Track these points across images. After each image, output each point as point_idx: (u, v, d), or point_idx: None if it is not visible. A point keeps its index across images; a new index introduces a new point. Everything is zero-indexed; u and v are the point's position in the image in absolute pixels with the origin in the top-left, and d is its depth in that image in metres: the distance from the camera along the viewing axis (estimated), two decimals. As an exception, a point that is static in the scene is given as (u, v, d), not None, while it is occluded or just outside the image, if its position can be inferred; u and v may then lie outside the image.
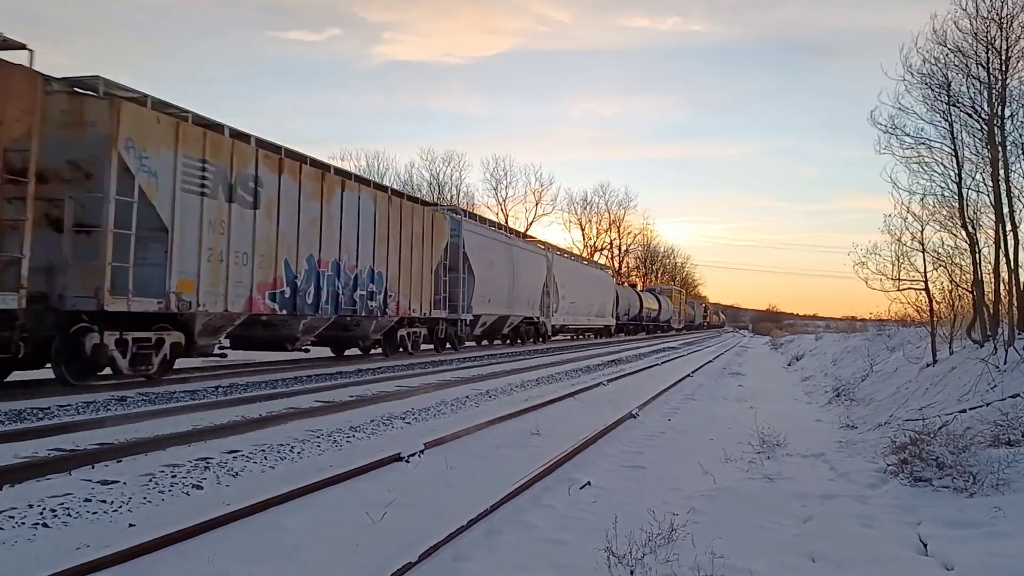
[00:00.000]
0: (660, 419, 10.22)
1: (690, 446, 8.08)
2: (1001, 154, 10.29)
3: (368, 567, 3.89)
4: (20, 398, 9.24)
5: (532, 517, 5.00)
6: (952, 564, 4.10)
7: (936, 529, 4.67)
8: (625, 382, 15.83)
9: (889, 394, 11.10)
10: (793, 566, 4.19)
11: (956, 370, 9.83)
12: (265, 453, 6.78)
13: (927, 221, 11.63)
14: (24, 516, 4.60)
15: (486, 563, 4.08)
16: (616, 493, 5.78)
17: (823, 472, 6.79)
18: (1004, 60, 10.21)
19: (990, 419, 6.93)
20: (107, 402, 9.30)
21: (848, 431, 9.25)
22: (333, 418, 8.94)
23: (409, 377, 14.17)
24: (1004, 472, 5.45)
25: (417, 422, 9.15)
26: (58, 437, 7.00)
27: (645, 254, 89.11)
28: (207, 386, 11.29)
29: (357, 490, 5.57)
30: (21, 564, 3.82)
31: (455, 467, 6.47)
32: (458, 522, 4.57)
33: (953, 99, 10.85)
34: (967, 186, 10.89)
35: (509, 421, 9.22)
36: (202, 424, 7.93)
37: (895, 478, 6.02)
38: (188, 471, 5.95)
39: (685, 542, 4.37)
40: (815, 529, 4.90)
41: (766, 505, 5.51)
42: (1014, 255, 10.09)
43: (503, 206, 65.02)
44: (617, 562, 3.95)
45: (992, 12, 10.23)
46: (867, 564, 4.19)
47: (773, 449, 7.71)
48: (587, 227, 77.23)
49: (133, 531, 4.41)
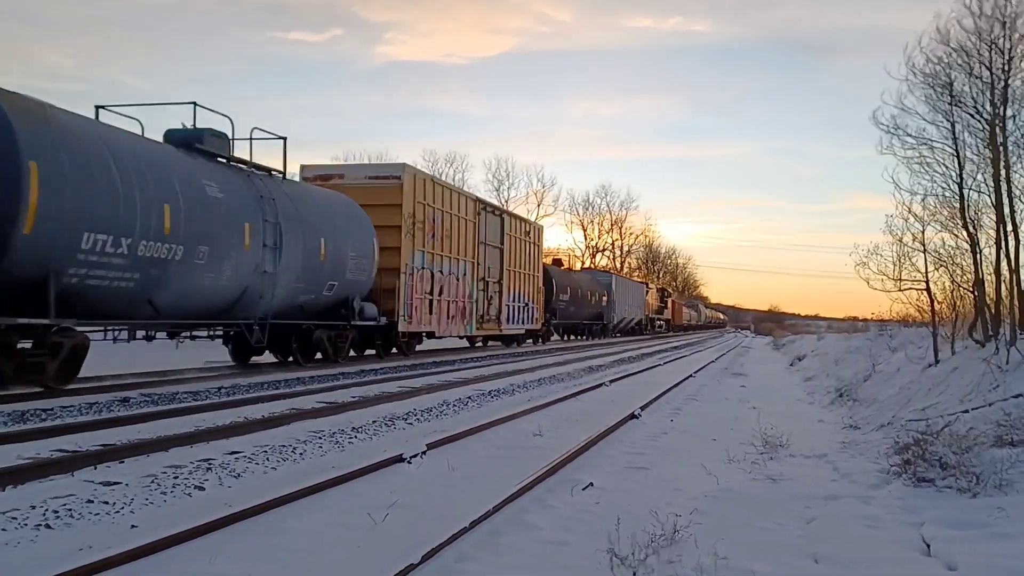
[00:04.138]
0: (662, 420, 10.22)
1: (693, 447, 8.08)
2: (1003, 154, 10.28)
3: (370, 569, 3.88)
4: (24, 399, 9.25)
5: (535, 518, 5.00)
6: (956, 565, 4.09)
7: (939, 530, 4.65)
8: (627, 383, 15.82)
9: (891, 394, 11.09)
10: (796, 567, 4.18)
11: (958, 370, 9.82)
12: (267, 454, 6.78)
13: (928, 221, 11.62)
14: (27, 517, 4.60)
15: (489, 564, 4.08)
16: (619, 494, 5.77)
17: (826, 473, 6.78)
18: (1007, 60, 10.20)
19: (993, 419, 6.92)
20: (110, 403, 9.31)
21: (851, 431, 9.24)
22: (335, 419, 8.94)
23: (412, 378, 14.18)
24: (1007, 473, 5.44)
25: (419, 423, 9.15)
26: (61, 438, 7.01)
27: (647, 255, 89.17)
28: (209, 387, 11.30)
29: (359, 491, 5.56)
30: (24, 565, 3.82)
31: (457, 468, 6.46)
32: (460, 523, 4.57)
33: (955, 99, 10.83)
34: (968, 186, 10.88)
35: (511, 422, 9.22)
36: (204, 425, 7.94)
37: (898, 479, 6.01)
38: (190, 472, 5.96)
39: (688, 543, 4.36)
40: (818, 530, 4.89)
41: (769, 506, 5.50)
42: (1015, 255, 10.08)
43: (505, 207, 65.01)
44: (620, 563, 3.94)
45: (996, 11, 10.22)
46: (870, 565, 4.17)
47: (776, 450, 7.70)
48: (589, 228, 77.31)
49: (135, 532, 4.41)
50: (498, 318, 25.72)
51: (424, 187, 19.66)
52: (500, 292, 25.75)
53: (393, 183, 18.53)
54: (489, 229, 24.74)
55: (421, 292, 19.27)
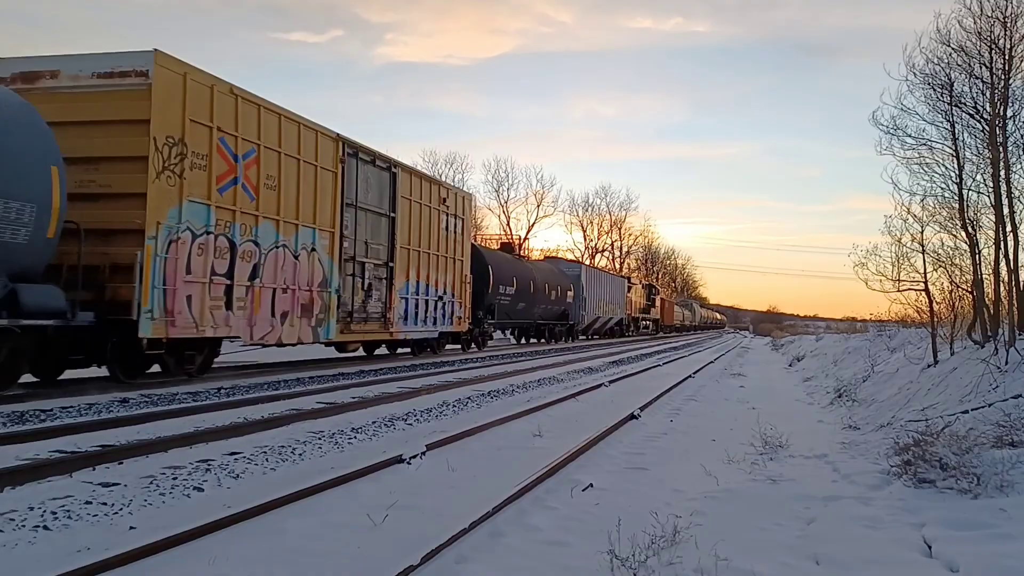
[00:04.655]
0: (662, 420, 10.21)
1: (692, 447, 8.07)
2: (1002, 155, 10.28)
3: (370, 569, 3.87)
4: (23, 400, 9.23)
5: (535, 519, 4.99)
6: (957, 566, 4.09)
7: (940, 531, 4.65)
8: (626, 383, 15.81)
9: (891, 395, 11.09)
10: (797, 568, 4.18)
11: (957, 371, 9.81)
12: (267, 455, 6.77)
13: (927, 222, 11.63)
14: (25, 519, 4.59)
15: (488, 565, 4.07)
16: (619, 495, 5.77)
17: (826, 473, 6.77)
18: (1007, 60, 10.20)
19: (992, 420, 6.91)
20: (109, 404, 9.29)
21: (850, 432, 9.24)
22: (335, 419, 8.93)
23: (411, 379, 14.16)
24: (1008, 474, 5.43)
25: (419, 423, 9.14)
26: (60, 439, 6.99)
27: (646, 256, 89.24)
28: (209, 387, 11.28)
29: (358, 492, 5.55)
30: (22, 567, 3.81)
31: (457, 469, 6.45)
32: (460, 524, 4.56)
33: (955, 99, 10.84)
34: (967, 187, 10.89)
35: (511, 422, 9.21)
36: (204, 426, 7.92)
37: (898, 479, 6.00)
38: (189, 473, 5.94)
39: (688, 544, 4.36)
40: (819, 531, 4.88)
41: (769, 507, 5.49)
42: (1014, 256, 10.09)
43: (505, 208, 65.07)
44: (620, 564, 3.93)
45: (996, 11, 10.23)
46: (871, 566, 4.17)
47: (775, 450, 7.69)
48: (588, 229, 77.34)
49: (134, 533, 4.39)
50: (385, 316, 17.41)
51: (211, 99, 11.85)
52: (389, 279, 17.58)
53: (135, 85, 10.86)
54: (367, 186, 16.61)
55: (203, 272, 11.66)
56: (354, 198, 16.07)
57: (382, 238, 17.44)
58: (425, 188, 19.63)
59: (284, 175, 13.50)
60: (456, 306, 21.63)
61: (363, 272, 16.55)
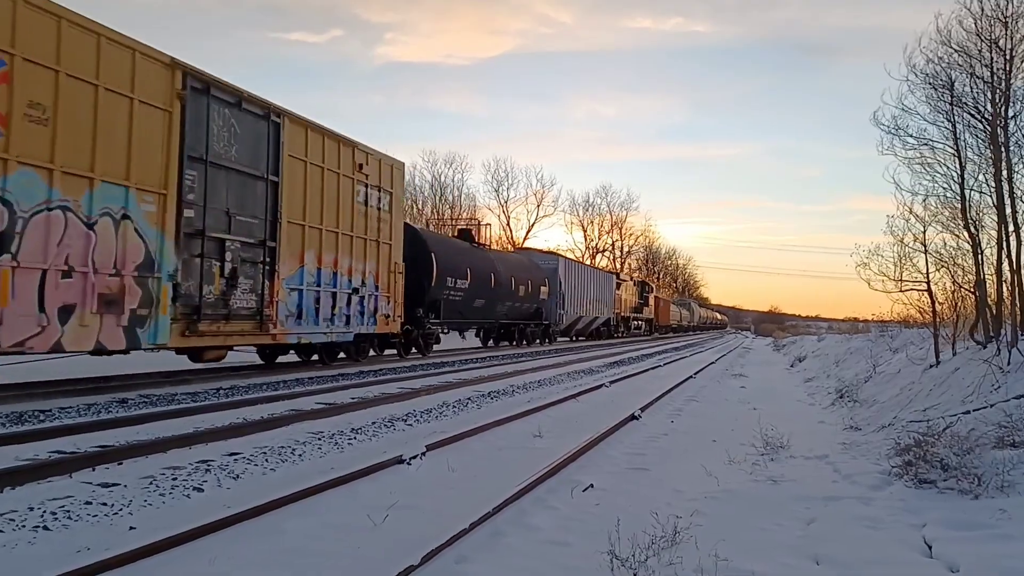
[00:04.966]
0: (663, 421, 10.20)
1: (693, 448, 8.06)
2: (1004, 154, 10.26)
3: (370, 570, 3.86)
4: (23, 400, 9.24)
5: (535, 519, 4.98)
6: (957, 566, 4.08)
7: (941, 531, 4.64)
8: (627, 384, 15.80)
9: (892, 395, 11.07)
10: (797, 568, 4.17)
11: (959, 371, 9.80)
12: (266, 455, 6.77)
13: (929, 222, 11.61)
14: (24, 519, 4.59)
15: (489, 565, 4.06)
16: (619, 495, 5.76)
17: (827, 474, 6.76)
18: (1008, 60, 10.18)
19: (994, 421, 6.90)
20: (108, 404, 9.29)
21: (852, 432, 9.22)
22: (335, 420, 8.93)
23: (411, 379, 14.15)
24: (1009, 474, 5.42)
25: (419, 424, 9.13)
26: (59, 439, 6.99)
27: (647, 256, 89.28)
28: (208, 388, 11.28)
29: (358, 493, 5.55)
30: (21, 567, 3.81)
31: (457, 469, 6.45)
32: (460, 524, 4.55)
33: (956, 99, 10.82)
34: (969, 187, 10.87)
35: (511, 423, 9.20)
36: (203, 426, 7.92)
37: (899, 480, 5.99)
38: (189, 473, 5.94)
39: (689, 544, 4.35)
40: (819, 531, 4.87)
41: (770, 507, 5.48)
42: (1016, 256, 10.06)
43: (504, 208, 65.06)
44: (620, 564, 3.92)
45: (997, 11, 10.21)
46: (872, 566, 4.16)
47: (776, 451, 7.68)
48: (589, 229, 77.37)
49: (134, 534, 4.39)
50: (261, 312, 12.97)
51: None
52: (271, 265, 13.23)
53: None
54: (230, 137, 12.35)
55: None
56: (204, 151, 11.69)
57: (257, 209, 12.93)
58: (330, 148, 15.06)
59: (65, 106, 9.21)
60: (382, 301, 17.13)
61: (222, 253, 12.12)
